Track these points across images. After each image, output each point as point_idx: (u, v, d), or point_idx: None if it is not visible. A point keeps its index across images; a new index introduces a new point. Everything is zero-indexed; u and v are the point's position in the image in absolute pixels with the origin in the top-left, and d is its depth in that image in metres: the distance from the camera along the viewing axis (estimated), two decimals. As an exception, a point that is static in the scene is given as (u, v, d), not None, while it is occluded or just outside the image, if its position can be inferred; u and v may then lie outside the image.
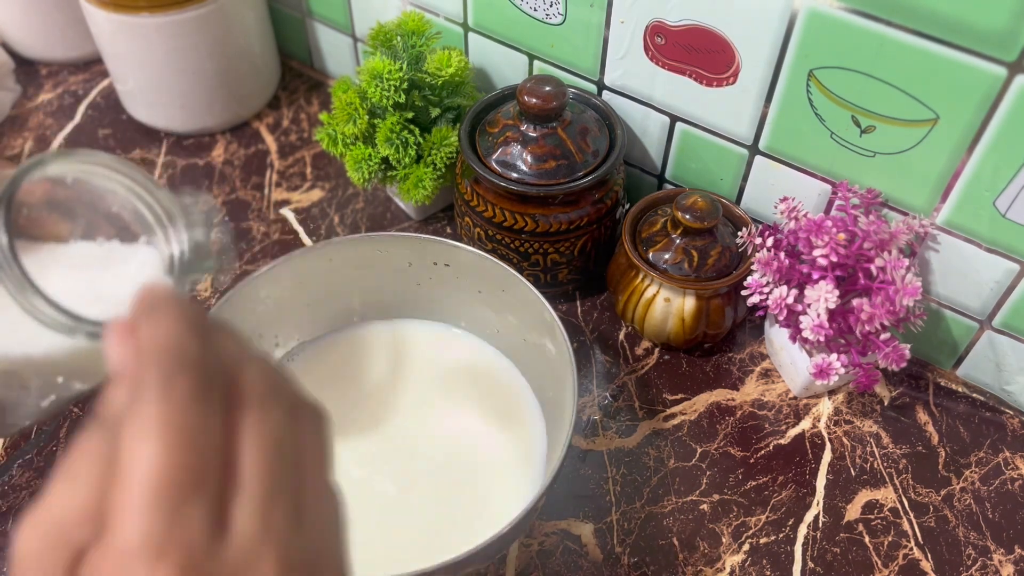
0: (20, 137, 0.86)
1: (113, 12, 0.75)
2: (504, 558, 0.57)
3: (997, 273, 0.59)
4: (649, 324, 0.65)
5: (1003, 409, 0.65)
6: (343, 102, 0.68)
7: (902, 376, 0.67)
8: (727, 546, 0.58)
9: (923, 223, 0.58)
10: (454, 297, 0.64)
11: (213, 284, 0.73)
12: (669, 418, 0.64)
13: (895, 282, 0.56)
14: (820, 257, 0.57)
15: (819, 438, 0.63)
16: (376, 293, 0.65)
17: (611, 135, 0.66)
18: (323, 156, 0.84)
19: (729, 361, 0.68)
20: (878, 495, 0.60)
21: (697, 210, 0.62)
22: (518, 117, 0.65)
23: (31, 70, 0.93)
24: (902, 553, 0.57)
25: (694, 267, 0.63)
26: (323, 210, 0.79)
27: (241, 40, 0.82)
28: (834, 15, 0.54)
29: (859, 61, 0.55)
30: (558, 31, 0.68)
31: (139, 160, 0.84)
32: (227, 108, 0.84)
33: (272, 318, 0.62)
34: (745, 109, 0.62)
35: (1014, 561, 0.57)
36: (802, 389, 0.64)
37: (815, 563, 0.57)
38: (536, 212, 0.64)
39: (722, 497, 0.60)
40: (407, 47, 0.69)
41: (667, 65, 0.64)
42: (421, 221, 0.78)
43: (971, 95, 0.52)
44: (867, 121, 0.57)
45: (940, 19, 0.50)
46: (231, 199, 0.80)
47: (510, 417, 0.61)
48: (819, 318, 0.56)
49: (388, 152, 0.67)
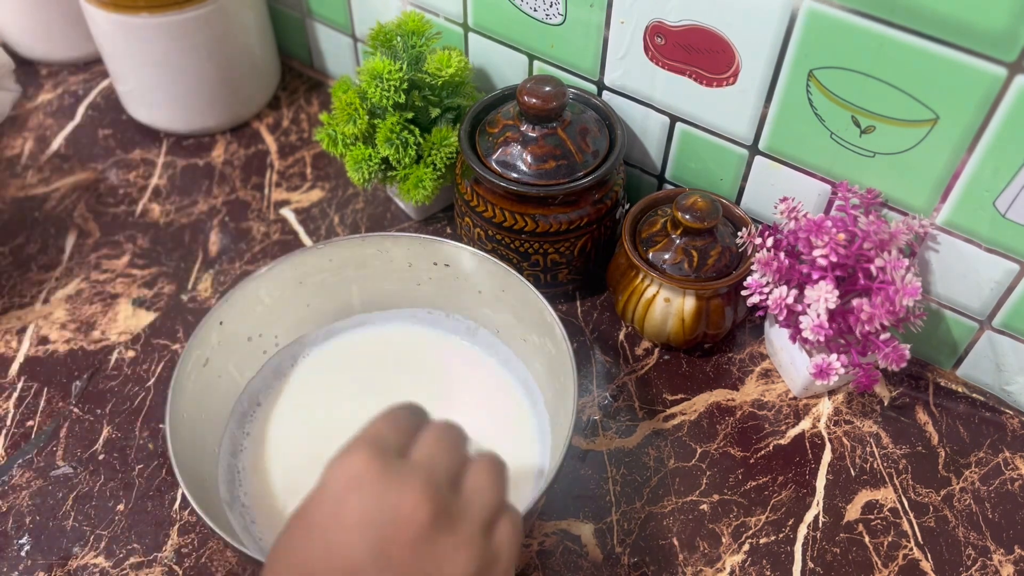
0: (20, 137, 0.86)
1: (113, 12, 0.75)
2: (504, 558, 0.57)
3: (997, 273, 0.59)
4: (649, 324, 0.65)
5: (1003, 409, 0.65)
6: (343, 102, 0.68)
7: (902, 376, 0.67)
8: (727, 546, 0.58)
9: (923, 223, 0.58)
10: (454, 297, 0.64)
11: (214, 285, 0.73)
12: (669, 418, 0.64)
13: (895, 282, 0.56)
14: (820, 257, 0.57)
15: (819, 438, 0.63)
16: (376, 293, 0.65)
17: (611, 135, 0.66)
18: (323, 156, 0.84)
19: (729, 361, 0.68)
20: (878, 495, 0.60)
21: (697, 210, 0.62)
22: (518, 117, 0.65)
23: (31, 70, 0.93)
24: (902, 553, 0.57)
25: (694, 267, 0.63)
26: (323, 210, 0.79)
27: (241, 40, 0.82)
28: (834, 15, 0.54)
29: (859, 61, 0.55)
30: (558, 31, 0.68)
31: (139, 160, 0.84)
32: (227, 108, 0.84)
33: (272, 318, 0.62)
34: (745, 109, 0.62)
35: (1014, 561, 0.57)
36: (802, 389, 0.64)
37: (815, 563, 0.57)
38: (536, 212, 0.64)
39: (722, 497, 0.60)
40: (407, 47, 0.69)
41: (667, 65, 0.64)
42: (421, 221, 0.78)
43: (971, 95, 0.52)
44: (867, 121, 0.57)
45: (940, 19, 0.50)
46: (231, 199, 0.80)
47: (509, 417, 0.61)
48: (819, 318, 0.56)
49: (388, 152, 0.67)
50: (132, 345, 0.69)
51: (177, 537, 0.58)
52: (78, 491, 0.60)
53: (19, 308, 0.71)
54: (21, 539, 0.58)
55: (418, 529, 0.34)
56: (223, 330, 0.59)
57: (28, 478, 0.61)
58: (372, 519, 0.34)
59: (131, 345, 0.69)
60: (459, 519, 0.35)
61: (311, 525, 0.35)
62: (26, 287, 0.73)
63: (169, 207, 0.79)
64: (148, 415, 0.64)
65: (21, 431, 0.63)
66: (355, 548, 0.33)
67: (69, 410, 0.65)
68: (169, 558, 0.57)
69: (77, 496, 0.60)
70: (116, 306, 0.71)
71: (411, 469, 0.35)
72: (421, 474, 0.35)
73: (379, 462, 0.35)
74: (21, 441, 0.63)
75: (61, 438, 0.63)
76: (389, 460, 0.35)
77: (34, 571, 0.56)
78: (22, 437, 0.63)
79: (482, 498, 0.37)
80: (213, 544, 0.58)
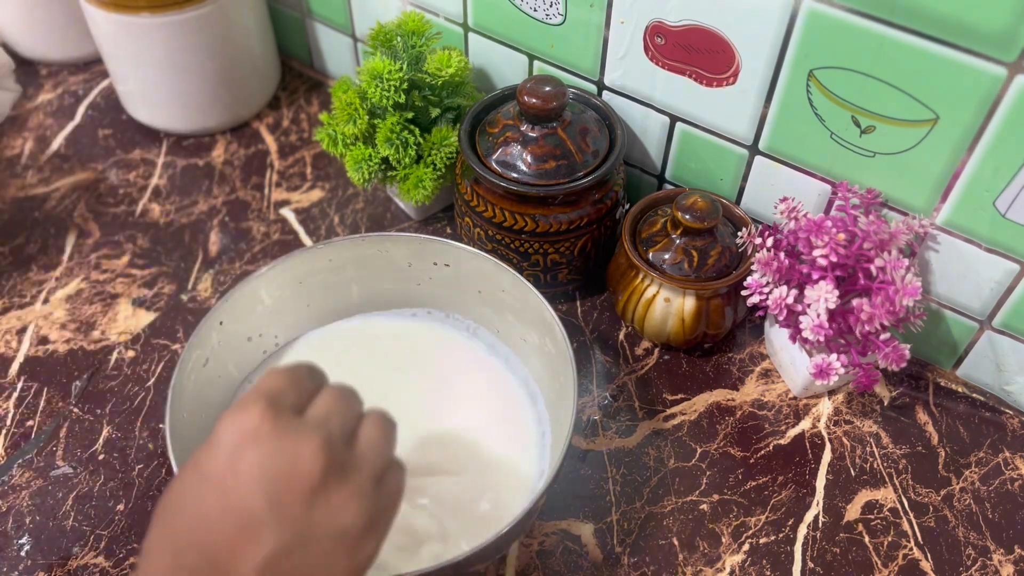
0: (20, 137, 0.86)
1: (113, 12, 0.75)
2: (504, 558, 0.57)
3: (997, 273, 0.59)
4: (649, 324, 0.65)
5: (1003, 409, 0.65)
6: (343, 102, 0.68)
7: (902, 376, 0.67)
8: (727, 546, 0.58)
9: (923, 223, 0.58)
10: (454, 297, 0.64)
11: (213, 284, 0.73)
12: (669, 418, 0.64)
13: (895, 282, 0.56)
14: (820, 257, 0.57)
15: (819, 438, 0.63)
16: (376, 293, 0.65)
17: (611, 135, 0.66)
18: (323, 156, 0.84)
19: (729, 361, 0.68)
20: (878, 495, 0.60)
21: (697, 210, 0.62)
22: (518, 117, 0.65)
23: (31, 70, 0.93)
24: (902, 553, 0.57)
25: (694, 267, 0.63)
26: (323, 210, 0.79)
27: (241, 40, 0.82)
28: (834, 15, 0.54)
29: (859, 61, 0.55)
30: (558, 31, 0.68)
31: (139, 160, 0.84)
32: (227, 108, 0.84)
33: (272, 318, 0.62)
34: (745, 109, 0.62)
35: (1014, 561, 0.57)
36: (802, 389, 0.64)
37: (815, 563, 0.57)
38: (536, 212, 0.64)
39: (722, 497, 0.60)
40: (407, 47, 0.69)
41: (667, 65, 0.64)
42: (421, 221, 0.78)
43: (971, 95, 0.52)
44: (867, 121, 0.57)
45: (940, 19, 0.50)
46: (231, 199, 0.80)
47: (509, 417, 0.61)
48: (819, 318, 0.56)
49: (388, 152, 0.67)
50: (132, 345, 0.69)
51: (177, 537, 0.58)
52: (78, 491, 0.60)
53: (19, 308, 0.71)
54: (21, 539, 0.58)
55: (313, 480, 0.35)
56: (223, 330, 0.59)
57: (28, 478, 0.61)
58: (268, 471, 0.35)
59: (131, 345, 0.69)
60: (351, 472, 0.37)
61: (205, 476, 0.36)
62: (26, 287, 0.73)
63: (169, 207, 0.79)
64: (148, 415, 0.64)
65: (21, 431, 0.63)
66: (251, 498, 0.35)
67: (69, 410, 0.65)
68: (169, 558, 0.57)
69: (77, 496, 0.60)
70: (116, 306, 0.71)
71: (306, 424, 0.37)
72: (316, 429, 0.37)
73: (275, 416, 0.36)
74: (21, 441, 0.63)
75: (61, 438, 0.63)
76: (285, 415, 0.37)
77: (34, 571, 0.56)
78: (22, 437, 0.63)
79: (374, 452, 0.39)
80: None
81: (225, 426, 0.37)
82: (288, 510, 0.35)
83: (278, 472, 0.35)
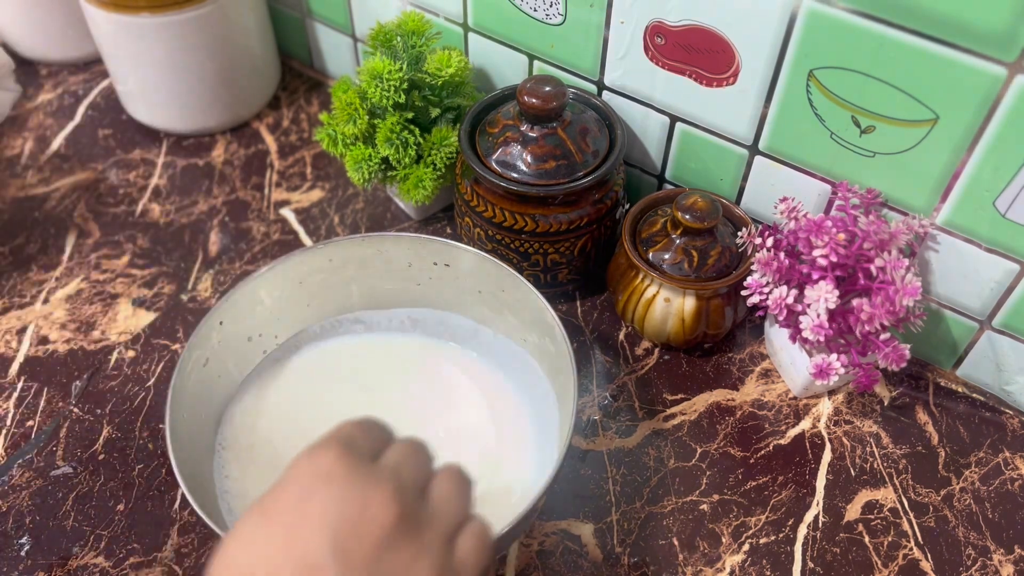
0: (20, 137, 0.86)
1: (113, 12, 0.75)
2: (504, 558, 0.57)
3: (997, 273, 0.59)
4: (649, 324, 0.65)
5: (1003, 409, 0.65)
6: (343, 102, 0.68)
7: (902, 376, 0.67)
8: (727, 546, 0.58)
9: (923, 223, 0.58)
10: (454, 297, 0.64)
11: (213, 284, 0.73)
12: (669, 418, 0.64)
13: (895, 282, 0.56)
14: (820, 257, 0.57)
15: (819, 438, 0.63)
16: (376, 293, 0.65)
17: (611, 135, 0.66)
18: (323, 156, 0.84)
19: (729, 361, 0.68)
20: (878, 495, 0.60)
21: (697, 210, 0.62)
22: (518, 117, 0.65)
23: (31, 70, 0.93)
24: (902, 553, 0.57)
25: (694, 267, 0.63)
26: (323, 210, 0.79)
27: (241, 40, 0.82)
28: (834, 15, 0.54)
29: (859, 61, 0.55)
30: (558, 31, 0.68)
31: (139, 160, 0.84)
32: (227, 108, 0.84)
33: (272, 318, 0.62)
34: (745, 109, 0.62)
35: (1014, 561, 0.57)
36: (802, 389, 0.64)
37: (815, 563, 0.57)
38: (536, 212, 0.64)
39: (722, 497, 0.60)
40: (407, 47, 0.69)
41: (667, 65, 0.64)
42: (421, 221, 0.78)
43: (971, 95, 0.52)
44: (867, 121, 0.57)
45: (940, 19, 0.50)
46: (231, 199, 0.80)
47: (509, 417, 0.61)
48: (819, 318, 0.56)
49: (388, 152, 0.67)
50: (132, 345, 0.69)
51: (177, 537, 0.58)
52: (78, 491, 0.60)
53: (19, 308, 0.71)
54: (21, 539, 0.58)
55: (382, 531, 0.33)
56: (223, 330, 0.59)
57: (28, 478, 0.61)
58: (337, 516, 0.33)
59: (131, 345, 0.69)
60: (424, 526, 0.35)
61: (273, 516, 0.34)
62: (26, 287, 0.73)
63: (169, 207, 0.79)
64: (148, 415, 0.64)
65: (21, 431, 0.63)
66: (316, 543, 0.33)
67: (69, 410, 0.65)
68: (169, 558, 0.57)
69: (77, 496, 0.60)
70: (116, 306, 0.71)
71: (380, 471, 0.35)
72: (390, 477, 0.35)
73: (349, 460, 0.35)
74: (21, 441, 0.63)
75: (61, 438, 0.63)
76: (359, 460, 0.35)
77: (34, 571, 0.56)
78: (22, 437, 0.63)
79: (447, 508, 0.37)
80: (213, 544, 0.57)
81: (296, 467, 0.35)
82: (353, 559, 0.32)
83: (347, 517, 0.33)
